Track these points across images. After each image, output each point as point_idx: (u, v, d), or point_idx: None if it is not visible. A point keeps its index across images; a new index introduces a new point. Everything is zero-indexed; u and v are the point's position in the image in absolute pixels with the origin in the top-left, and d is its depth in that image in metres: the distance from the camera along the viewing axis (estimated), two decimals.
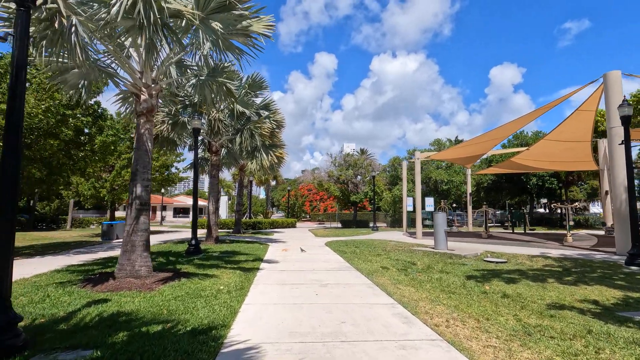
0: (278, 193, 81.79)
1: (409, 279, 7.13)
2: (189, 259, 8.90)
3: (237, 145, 12.49)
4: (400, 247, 12.77)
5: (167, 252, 10.53)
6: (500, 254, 10.61)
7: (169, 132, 11.66)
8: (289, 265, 8.44)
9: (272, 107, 13.68)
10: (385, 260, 9.58)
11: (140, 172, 6.52)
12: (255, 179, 35.62)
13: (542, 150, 16.78)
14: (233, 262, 8.52)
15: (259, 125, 12.25)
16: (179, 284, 5.85)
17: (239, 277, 6.74)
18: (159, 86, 6.91)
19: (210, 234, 13.06)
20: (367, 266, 8.50)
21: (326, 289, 5.87)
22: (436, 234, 11.45)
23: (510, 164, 19.29)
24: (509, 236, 16.55)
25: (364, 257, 10.20)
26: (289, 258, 9.79)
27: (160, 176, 18.75)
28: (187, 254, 9.67)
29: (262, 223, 25.11)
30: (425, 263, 9.25)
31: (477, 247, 12.28)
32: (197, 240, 9.89)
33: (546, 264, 9.04)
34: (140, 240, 6.34)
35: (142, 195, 6.47)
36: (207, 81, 7.86)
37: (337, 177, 28.95)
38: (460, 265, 8.89)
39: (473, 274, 7.80)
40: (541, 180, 30.26)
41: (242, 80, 13.06)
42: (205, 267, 7.78)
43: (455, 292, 6.03)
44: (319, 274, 7.39)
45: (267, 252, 11.02)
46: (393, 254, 10.98)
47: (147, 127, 6.69)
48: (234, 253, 10.30)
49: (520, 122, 12.96)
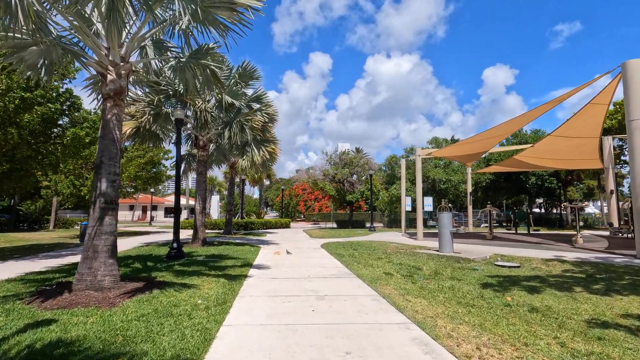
0: (272, 193, 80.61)
1: (417, 287, 6.25)
2: (169, 265, 7.93)
3: (226, 140, 11.51)
4: (401, 249, 11.91)
5: (146, 256, 9.53)
6: (511, 257, 9.79)
7: (150, 124, 10.66)
8: (281, 272, 7.51)
9: (264, 99, 12.74)
10: (387, 265, 8.70)
11: (106, 164, 5.55)
12: (248, 178, 34.57)
13: (547, 147, 16.06)
14: (218, 268, 7.56)
15: (249, 118, 11.29)
16: (148, 298, 4.90)
17: (222, 287, 5.80)
18: (129, 65, 5.94)
19: (197, 235, 12.07)
20: (368, 272, 7.61)
21: (324, 303, 4.95)
22: (441, 235, 10.60)
23: (513, 162, 18.55)
24: (514, 237, 15.81)
25: (364, 261, 9.31)
26: (282, 262, 8.86)
27: (146, 174, 17.71)
28: (168, 258, 8.70)
29: (254, 223, 24.12)
30: (432, 268, 8.39)
31: (483, 249, 11.46)
32: (179, 243, 8.92)
33: (565, 269, 8.22)
34: (105, 244, 5.37)
35: (107, 192, 5.50)
36: (188, 63, 6.90)
37: (332, 176, 28.05)
38: (470, 271, 8.05)
39: (488, 281, 6.94)
40: (540, 179, 29.67)
41: (232, 70, 12.11)
42: (185, 274, 6.82)
43: (474, 304, 5.16)
44: (315, 282, 6.48)
45: (258, 255, 10.08)
46: (395, 257, 10.12)
47: (114, 112, 5.72)
48: (221, 257, 9.34)
49: (529, 116, 12.18)
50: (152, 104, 10.47)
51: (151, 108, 10.47)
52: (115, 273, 5.44)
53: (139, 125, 10.87)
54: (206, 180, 12.55)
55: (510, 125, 13.59)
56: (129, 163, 17.03)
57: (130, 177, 17.39)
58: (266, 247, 12.68)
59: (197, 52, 7.08)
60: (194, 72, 7.13)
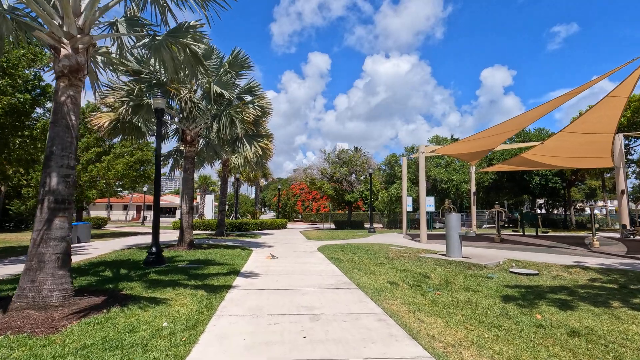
0: (269, 192, 79.53)
1: (429, 301, 5.35)
2: (145, 272, 6.99)
3: (214, 134, 10.56)
4: (404, 253, 11.01)
5: (122, 261, 8.58)
6: (527, 263, 8.91)
7: (130, 115, 9.70)
8: (271, 281, 6.58)
9: (257, 91, 11.79)
10: (391, 272, 7.79)
11: (57, 155, 4.61)
12: (243, 176, 33.54)
13: (557, 145, 15.19)
14: (199, 277, 6.63)
15: (240, 110, 10.35)
16: (102, 319, 3.96)
17: (198, 302, 4.87)
18: (88, 38, 5.00)
19: (183, 237, 11.13)
20: (370, 282, 6.70)
21: (320, 326, 4.03)
22: (448, 238, 9.70)
23: (519, 160, 17.68)
24: (522, 239, 14.92)
25: (365, 267, 8.40)
26: (273, 269, 7.93)
27: (134, 172, 16.73)
28: (146, 264, 7.76)
29: (249, 224, 23.16)
30: (441, 276, 7.49)
31: (494, 253, 10.57)
32: (158, 247, 7.98)
33: (591, 277, 7.33)
34: (54, 252, 4.43)
35: (58, 189, 4.56)
36: (164, 41, 5.98)
37: (330, 175, 27.11)
38: (484, 279, 7.15)
39: (508, 292, 6.05)
40: (544, 179, 28.84)
41: (223, 59, 11.18)
42: (159, 285, 5.88)
43: (501, 325, 4.26)
44: (310, 295, 5.56)
45: (248, 260, 9.15)
46: (398, 262, 9.21)
47: (70, 93, 4.78)
48: (206, 263, 8.40)
49: (541, 110, 11.29)
50: (132, 93, 9.51)
51: (130, 98, 9.51)
52: (67, 287, 4.50)
53: (118, 118, 9.92)
54: (194, 178, 11.60)
55: (520, 121, 12.70)
56: (116, 161, 16.04)
57: (118, 175, 16.41)
58: (259, 250, 11.75)
59: (175, 29, 6.16)
60: (172, 53, 6.22)
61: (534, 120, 12.46)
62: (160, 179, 8.12)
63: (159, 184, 8.11)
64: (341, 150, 28.05)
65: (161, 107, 8.07)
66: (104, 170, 15.26)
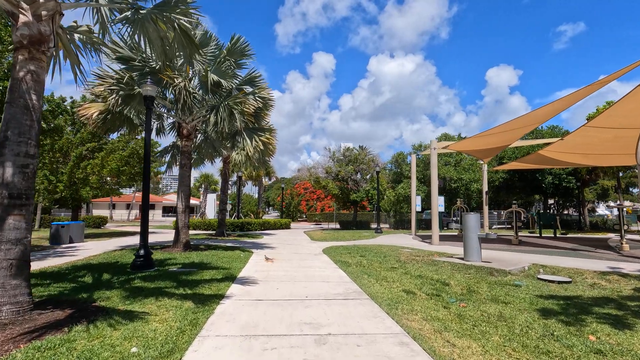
0: (274, 192, 78.82)
1: (455, 316, 4.53)
2: (129, 278, 6.23)
3: (212, 126, 9.81)
4: (417, 256, 10.17)
5: (109, 264, 7.83)
6: (555, 269, 8.03)
7: (120, 106, 8.97)
8: (270, 289, 5.79)
9: (258, 82, 11.01)
10: (405, 279, 6.97)
11: (13, 142, 3.85)
12: (245, 175, 32.83)
13: (579, 140, 14.22)
14: (190, 284, 5.86)
15: (239, 101, 9.58)
16: (58, 342, 3.19)
17: (182, 317, 4.09)
18: (54, 4, 4.23)
19: (179, 238, 10.37)
20: (384, 290, 5.88)
21: (328, 352, 3.23)
22: (467, 240, 8.85)
23: (536, 158, 16.71)
24: (542, 242, 13.98)
25: (375, 272, 7.58)
26: (274, 274, 7.14)
27: (131, 168, 16.03)
28: (133, 268, 7.00)
29: (251, 224, 22.40)
30: (462, 283, 6.66)
31: (515, 257, 9.69)
32: (147, 249, 7.22)
33: (636, 287, 6.45)
34: (5, 258, 3.68)
35: (14, 182, 3.80)
36: (150, 15, 5.21)
37: (335, 174, 26.27)
38: (512, 288, 6.30)
39: (544, 305, 5.20)
40: (557, 178, 27.77)
41: (222, 47, 10.42)
42: (141, 294, 5.11)
43: (550, 351, 3.43)
44: (315, 307, 4.75)
45: (247, 264, 8.37)
46: (411, 266, 8.38)
47: (30, 68, 4.02)
48: (201, 267, 7.63)
49: (567, 101, 10.38)
50: (122, 82, 8.77)
51: (120, 87, 8.77)
52: (22, 299, 3.75)
53: (109, 109, 9.19)
54: (191, 175, 10.85)
55: (541, 114, 11.78)
56: (110, 156, 15.35)
57: (113, 172, 15.73)
58: (260, 252, 10.97)
59: (162, 3, 5.40)
60: (160, 31, 5.45)
61: (556, 114, 11.54)
62: (149, 174, 7.37)
63: (147, 180, 7.35)
64: (346, 148, 27.23)
65: (151, 94, 7.31)
66: (98, 168, 14.58)
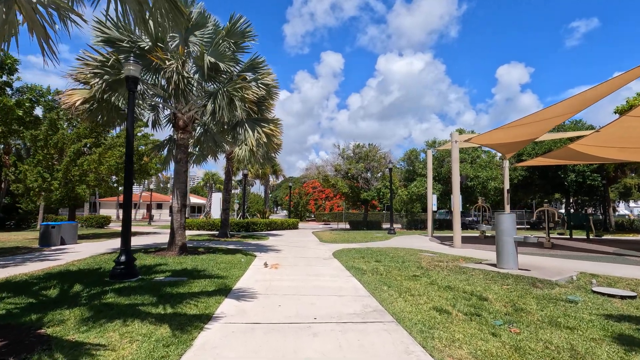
0: (282, 191, 77.98)
1: (513, 350, 3.38)
2: (104, 290, 5.22)
3: (209, 116, 8.78)
4: (440, 261, 8.99)
5: (90, 271, 6.85)
6: (609, 279, 6.78)
7: (106, 93, 7.99)
8: (270, 307, 4.70)
9: (261, 68, 9.95)
10: (432, 291, 5.83)
11: None
12: (251, 172, 31.84)
13: (616, 133, 12.83)
14: (173, 299, 4.81)
15: (240, 87, 8.52)
16: None
17: (148, 354, 3.03)
18: None
19: (174, 241, 9.38)
20: (410, 308, 4.75)
21: None
22: (501, 244, 7.64)
23: (565, 153, 15.29)
24: (576, 245, 12.58)
25: (396, 282, 6.45)
26: (276, 285, 6.06)
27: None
28: (112, 277, 6.00)
29: (257, 224, 21.41)
30: (503, 297, 5.49)
31: (556, 264, 8.44)
32: (129, 254, 6.22)
33: None
34: None
35: None
36: None
37: (345, 171, 25.11)
38: (568, 306, 5.09)
39: (621, 331, 4.01)
40: (581, 176, 26.18)
41: (219, 27, 9.38)
42: (108, 313, 4.08)
43: None
44: (326, 336, 3.65)
45: (247, 271, 7.31)
46: (436, 274, 7.21)
47: None
48: (193, 275, 6.60)
49: (614, 83, 9.08)
50: (107, 65, 7.79)
51: (105, 71, 7.79)
52: None
53: (95, 96, 8.22)
54: (187, 170, 9.85)
55: (580, 101, 10.46)
56: (108, 152, 14.49)
57: (111, 169, 14.86)
58: (263, 255, 9.93)
59: None
60: None
61: (598, 100, 10.21)
62: (132, 166, 6.35)
63: (130, 175, 6.33)
64: (357, 144, 26.03)
65: (134, 74, 6.30)
66: (95, 165, 13.71)
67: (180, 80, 7.88)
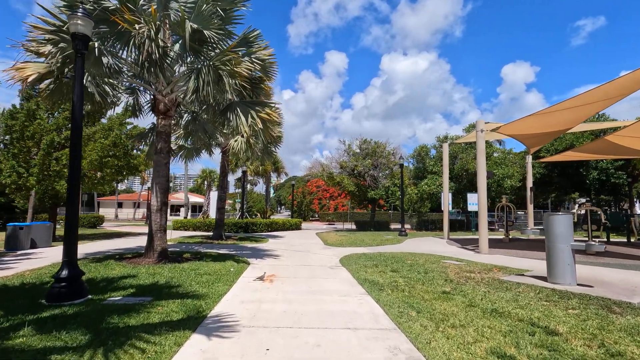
0: (285, 191, 76.42)
1: None
2: (26, 320, 3.73)
3: (192, 94, 7.27)
4: (470, 271, 7.42)
5: (31, 288, 5.35)
6: None
7: (63, 65, 6.51)
8: (251, 355, 3.17)
9: (256, 42, 8.42)
10: (476, 317, 4.28)
11: None
12: (250, 169, 30.39)
13: None
14: (113, 340, 3.30)
15: (228, 59, 7.01)
16: None
17: None
18: None
19: (152, 245, 7.88)
20: (457, 352, 3.21)
21: None
22: (554, 253, 6.05)
23: (600, 146, 13.63)
24: (621, 250, 10.84)
25: (424, 302, 4.91)
26: (267, 310, 4.53)
27: (115, 160, 13.73)
28: (49, 298, 4.50)
29: (257, 224, 19.91)
30: (579, 330, 3.93)
31: (622, 277, 6.82)
32: (73, 268, 4.71)
33: None
34: None
35: None
36: None
37: (352, 169, 23.54)
38: None
39: None
40: (604, 174, 24.41)
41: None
42: None
43: None
44: None
45: (233, 286, 5.80)
46: (472, 291, 5.64)
47: None
48: (161, 293, 5.09)
49: None
50: (64, 30, 6.31)
51: (61, 37, 6.31)
52: None
53: (53, 71, 6.75)
54: (169, 163, 8.36)
55: (628, 81, 8.85)
56: (88, 144, 13.06)
57: (94, 164, 13.44)
58: (258, 262, 8.42)
59: None
60: None
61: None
62: (80, 153, 4.86)
63: (78, 161, 4.84)
64: (363, 140, 24.44)
65: (83, 32, 4.82)
66: None
67: (153, 50, 6.37)
